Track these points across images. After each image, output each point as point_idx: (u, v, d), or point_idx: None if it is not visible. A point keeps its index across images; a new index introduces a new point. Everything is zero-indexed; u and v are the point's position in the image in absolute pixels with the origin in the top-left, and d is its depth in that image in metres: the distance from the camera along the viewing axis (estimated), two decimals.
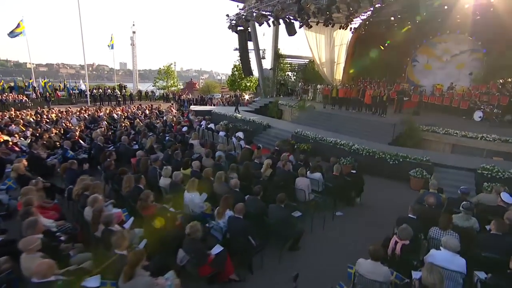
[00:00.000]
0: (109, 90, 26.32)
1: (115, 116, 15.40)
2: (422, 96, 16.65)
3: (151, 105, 21.35)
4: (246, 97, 24.09)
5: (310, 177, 7.29)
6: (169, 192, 6.14)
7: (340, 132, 12.69)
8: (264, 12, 15.46)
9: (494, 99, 13.72)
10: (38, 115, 13.50)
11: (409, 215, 4.91)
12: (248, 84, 29.82)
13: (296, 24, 18.61)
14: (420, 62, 20.62)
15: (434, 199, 5.26)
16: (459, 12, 14.69)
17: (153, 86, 33.96)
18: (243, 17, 16.21)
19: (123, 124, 11.84)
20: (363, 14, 19.38)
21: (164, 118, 15.03)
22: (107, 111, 16.30)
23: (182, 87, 36.24)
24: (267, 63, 23.52)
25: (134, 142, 10.86)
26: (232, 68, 29.44)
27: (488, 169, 8.27)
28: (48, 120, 12.43)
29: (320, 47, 21.75)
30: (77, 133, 10.10)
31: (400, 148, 10.62)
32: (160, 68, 33.92)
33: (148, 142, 9.73)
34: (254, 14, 15.08)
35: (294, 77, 25.45)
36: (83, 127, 11.34)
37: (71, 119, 13.18)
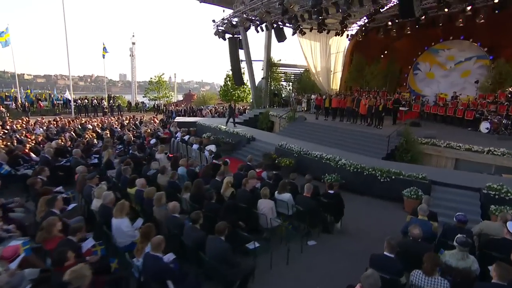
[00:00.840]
0: (95, 101, 25.77)
1: (90, 127, 14.62)
2: (424, 106, 15.70)
3: (133, 116, 20.66)
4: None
5: (278, 198, 6.27)
6: (98, 217, 5.15)
7: (330, 146, 11.92)
8: (249, 17, 14.81)
9: (502, 109, 12.68)
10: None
11: (384, 252, 3.84)
12: (242, 94, 29.21)
13: (289, 31, 18.17)
14: (422, 70, 19.75)
15: (419, 230, 4.19)
16: (461, 15, 13.86)
17: (143, 97, 33.57)
18: (228, 22, 15.58)
19: (86, 136, 10.98)
20: (359, 19, 18.74)
21: (140, 129, 14.20)
22: (81, 122, 15.53)
23: (173, 98, 35.76)
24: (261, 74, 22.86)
25: (97, 156, 9.99)
26: (225, 78, 29.00)
27: (495, 189, 7.17)
28: (6, 131, 11.64)
29: (316, 55, 21.18)
30: (28, 146, 9.21)
31: (395, 164, 9.69)
32: (151, 79, 33.64)
33: (105, 156, 8.81)
34: (239, 18, 14.42)
35: (290, 87, 24.61)
36: (40, 139, 10.48)
37: (34, 130, 12.41)
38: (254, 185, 6.97)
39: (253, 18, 14.71)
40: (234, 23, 15.66)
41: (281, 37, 16.67)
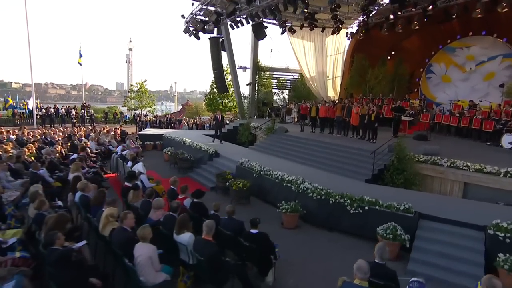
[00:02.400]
0: (62, 110, 25.20)
1: (25, 139, 13.67)
2: (434, 115, 14.10)
3: (93, 127, 19.85)
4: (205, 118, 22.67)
5: (177, 240, 4.85)
6: None
7: (310, 164, 10.77)
8: (217, 9, 13.80)
9: None
10: None
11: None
12: (230, 104, 28.24)
13: (278, 29, 17.14)
14: (437, 73, 18.26)
15: None
16: (478, 4, 12.40)
17: (122, 106, 33.09)
18: (195, 17, 14.62)
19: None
20: (359, 14, 17.50)
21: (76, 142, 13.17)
22: (18, 133, 14.64)
23: (156, 107, 35.24)
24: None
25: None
26: (211, 85, 28.18)
27: (505, 229, 5.51)
28: None
29: (309, 57, 20.12)
30: None
31: (380, 188, 8.33)
32: (131, 86, 32.95)
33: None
34: (204, 11, 13.42)
35: (284, 95, 23.57)
36: None
37: None
38: (160, 218, 5.61)
39: (220, 10, 13.66)
40: (203, 18, 14.67)
41: (260, 35, 15.64)
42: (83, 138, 15.08)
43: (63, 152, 12.01)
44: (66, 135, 15.61)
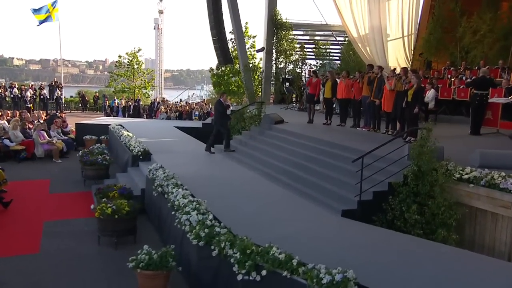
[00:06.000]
0: (15, 90, 26.18)
1: None
2: None
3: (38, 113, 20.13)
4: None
5: None
6: None
7: (281, 179, 9.84)
8: None
9: None
10: None
11: None
12: (235, 84, 28.05)
13: None
14: None
15: None
16: None
17: (106, 87, 34.26)
18: None
19: None
20: None
21: None
22: None
23: (153, 88, 36.01)
24: None
25: None
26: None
27: None
28: None
29: (358, 4, 18.66)
30: None
31: (369, 234, 6.64)
32: (119, 58, 32.92)
33: None
34: None
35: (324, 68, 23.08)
36: None
37: None
38: None
39: None
40: None
41: None
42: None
43: None
44: None
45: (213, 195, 7.73)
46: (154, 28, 66.24)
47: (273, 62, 21.45)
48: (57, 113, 20.21)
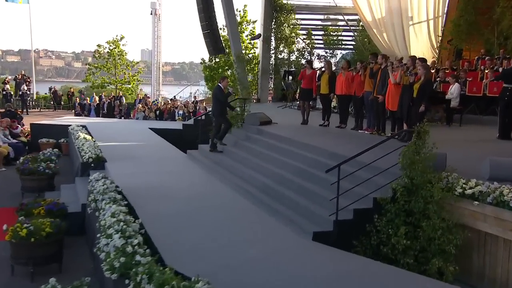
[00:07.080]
0: None
1: None
2: None
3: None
4: None
5: None
6: None
7: (266, 194, 9.52)
8: None
9: None
10: None
11: None
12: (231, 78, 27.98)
13: None
14: None
15: None
16: None
17: (83, 81, 34.72)
18: None
19: None
20: None
21: None
22: None
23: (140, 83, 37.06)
24: None
25: None
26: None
27: None
28: None
29: None
30: None
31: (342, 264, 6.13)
32: (97, 47, 32.82)
33: None
34: None
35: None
36: None
37: None
38: None
39: None
40: None
41: None
42: None
43: None
44: None
45: (163, 213, 7.60)
46: (151, 14, 65.74)
47: (272, 51, 21.38)
48: (13, 110, 19.90)
